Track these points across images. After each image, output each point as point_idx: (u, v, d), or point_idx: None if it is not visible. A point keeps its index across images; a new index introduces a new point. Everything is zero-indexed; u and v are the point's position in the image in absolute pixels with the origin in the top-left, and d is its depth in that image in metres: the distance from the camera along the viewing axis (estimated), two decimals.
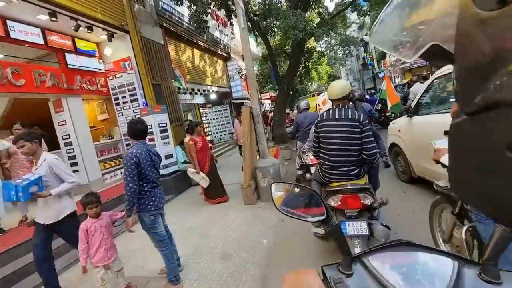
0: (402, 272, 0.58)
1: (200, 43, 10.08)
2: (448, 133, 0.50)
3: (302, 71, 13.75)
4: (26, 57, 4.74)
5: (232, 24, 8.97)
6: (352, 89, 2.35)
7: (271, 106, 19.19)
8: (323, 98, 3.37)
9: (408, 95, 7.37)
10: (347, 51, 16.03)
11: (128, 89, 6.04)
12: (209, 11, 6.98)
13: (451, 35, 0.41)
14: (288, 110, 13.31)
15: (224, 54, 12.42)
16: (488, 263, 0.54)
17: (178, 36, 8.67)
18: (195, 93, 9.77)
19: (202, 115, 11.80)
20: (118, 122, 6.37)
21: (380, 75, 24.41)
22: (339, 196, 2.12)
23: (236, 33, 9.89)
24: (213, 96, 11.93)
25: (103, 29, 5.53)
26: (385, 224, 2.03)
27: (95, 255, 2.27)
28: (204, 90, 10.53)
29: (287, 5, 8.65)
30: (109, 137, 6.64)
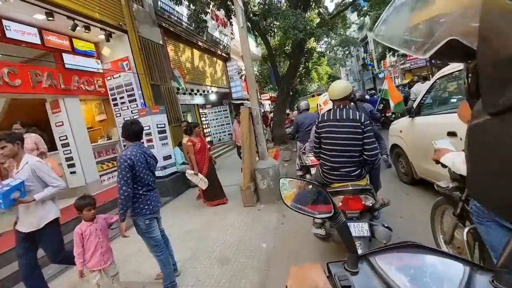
0: (409, 274, 0.57)
1: (199, 43, 10.04)
2: (466, 134, 0.47)
3: (302, 72, 13.72)
4: (24, 56, 4.67)
5: (231, 24, 8.94)
6: (353, 89, 2.33)
7: (271, 107, 19.15)
8: (325, 98, 3.35)
9: (409, 95, 7.30)
10: (347, 52, 16.01)
11: (126, 90, 5.98)
12: (208, 11, 6.91)
13: (473, 29, 0.38)
14: (288, 111, 13.27)
15: (223, 54, 12.37)
16: (502, 271, 0.52)
17: (177, 36, 8.62)
18: (195, 93, 9.72)
19: (202, 116, 11.76)
20: (116, 123, 6.31)
21: (380, 75, 24.41)
22: (340, 197, 2.10)
23: (236, 34, 9.85)
24: (212, 97, 11.89)
25: (101, 29, 5.47)
26: (387, 226, 2.00)
27: (90, 259, 2.20)
28: (203, 91, 10.48)
29: (287, 5, 8.61)
30: (107, 138, 6.57)
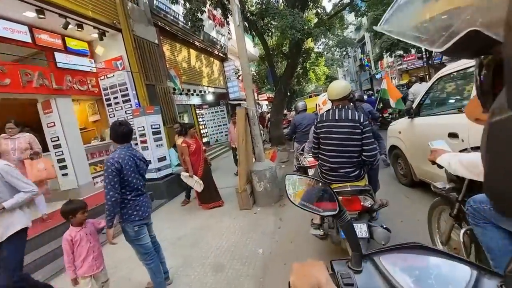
0: (414, 275, 0.56)
1: (196, 43, 9.92)
2: (484, 131, 0.45)
3: (300, 72, 13.67)
4: (13, 54, 4.53)
5: (228, 23, 8.83)
6: (352, 89, 2.29)
7: (269, 107, 19.07)
8: (324, 98, 3.30)
9: (407, 95, 7.27)
10: (344, 52, 16.03)
11: (120, 90, 5.85)
12: (204, 10, 6.80)
13: (498, 18, 0.35)
14: (285, 111, 13.20)
15: (221, 54, 12.26)
16: (511, 275, 0.51)
17: (173, 36, 8.50)
18: (191, 94, 9.60)
19: (199, 116, 11.63)
20: (110, 123, 6.16)
21: (377, 76, 24.49)
22: (339, 198, 2.00)
23: (233, 34, 9.75)
24: (209, 97, 11.77)
25: (94, 27, 5.35)
26: (385, 227, 1.97)
27: (82, 265, 2.06)
28: (200, 91, 10.35)
29: (284, 5, 8.53)
30: (101, 139, 6.42)
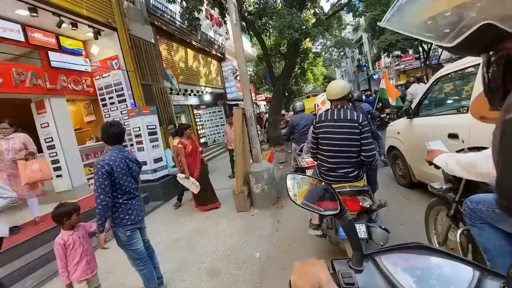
0: (415, 275, 0.56)
1: (193, 42, 9.84)
2: (497, 129, 0.44)
3: (298, 72, 13.64)
4: (5, 52, 4.43)
5: (226, 23, 8.77)
6: (351, 89, 2.26)
7: (267, 108, 19.02)
8: (322, 98, 3.26)
9: (405, 96, 7.27)
10: (342, 53, 16.03)
11: (115, 89, 5.76)
12: (201, 8, 6.72)
13: None
14: (283, 111, 13.16)
15: (218, 54, 12.19)
16: None
17: (170, 35, 8.42)
18: (189, 94, 9.52)
19: (196, 117, 11.55)
20: None
21: (375, 76, 24.57)
22: None
23: (231, 33, 9.69)
24: (207, 97, 11.69)
25: (89, 26, 5.26)
26: (384, 227, 1.95)
27: (76, 270, 1.99)
28: (198, 91, 10.27)
29: (282, 4, 8.49)
30: (96, 140, 6.33)
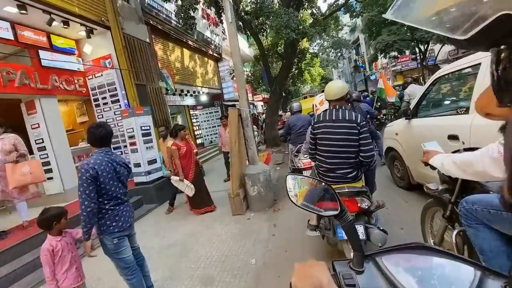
0: (416, 275, 0.56)
1: (189, 42, 9.73)
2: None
3: (295, 72, 13.60)
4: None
5: (222, 22, 8.67)
6: (349, 89, 2.22)
7: (264, 108, 18.95)
8: (321, 98, 3.21)
9: (403, 96, 7.25)
10: (339, 54, 16.03)
11: (108, 89, 5.64)
12: (196, 7, 6.62)
13: None
14: (281, 112, 13.09)
15: (215, 54, 12.08)
16: None
17: (165, 35, 8.30)
18: (185, 94, 9.39)
19: (192, 117, 11.42)
20: None
21: (372, 77, 24.63)
22: None
23: (227, 32, 9.61)
24: (203, 98, 11.57)
25: (81, 24, 5.13)
26: (382, 228, 1.91)
27: (66, 277, 1.87)
28: (194, 92, 10.15)
29: (279, 4, 8.42)
30: None
